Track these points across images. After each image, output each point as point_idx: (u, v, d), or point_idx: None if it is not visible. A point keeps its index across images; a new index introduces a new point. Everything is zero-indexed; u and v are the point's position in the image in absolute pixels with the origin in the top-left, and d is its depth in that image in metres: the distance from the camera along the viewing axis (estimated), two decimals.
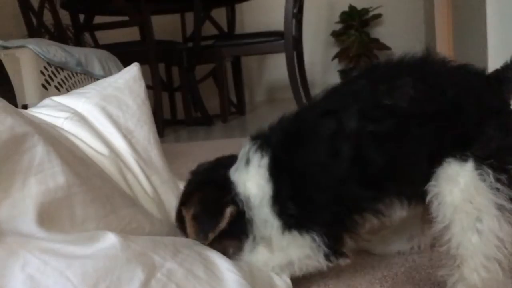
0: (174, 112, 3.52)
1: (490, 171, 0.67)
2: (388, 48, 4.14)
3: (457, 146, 0.69)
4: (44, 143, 0.64)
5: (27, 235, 0.55)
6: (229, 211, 0.76)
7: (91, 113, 0.95)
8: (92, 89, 1.05)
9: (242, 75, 3.56)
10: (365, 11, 4.23)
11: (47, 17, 2.80)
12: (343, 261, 0.79)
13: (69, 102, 0.98)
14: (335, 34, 4.35)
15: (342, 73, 4.22)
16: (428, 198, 0.71)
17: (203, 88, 3.29)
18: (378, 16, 4.26)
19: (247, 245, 0.80)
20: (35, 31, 2.61)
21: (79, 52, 2.18)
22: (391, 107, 0.70)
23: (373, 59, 4.28)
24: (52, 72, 1.95)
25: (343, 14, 4.29)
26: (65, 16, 2.90)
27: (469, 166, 0.68)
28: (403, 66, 0.75)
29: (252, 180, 0.77)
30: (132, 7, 2.54)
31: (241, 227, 0.78)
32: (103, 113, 0.95)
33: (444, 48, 3.84)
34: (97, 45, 2.90)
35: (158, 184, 0.94)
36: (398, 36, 4.36)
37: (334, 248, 0.76)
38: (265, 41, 2.92)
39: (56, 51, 2.00)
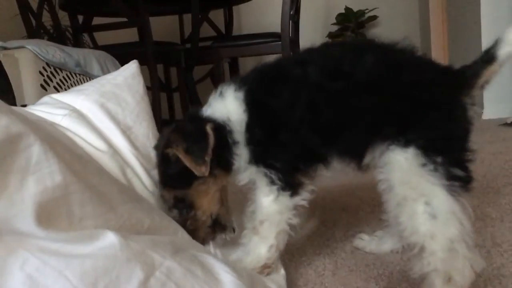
0: (172, 112, 3.52)
1: (428, 156, 0.72)
2: None
3: (400, 130, 0.75)
4: (41, 142, 0.63)
5: (26, 234, 0.54)
6: (209, 127, 0.82)
7: (90, 109, 0.95)
8: (91, 86, 1.05)
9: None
10: (361, 12, 4.25)
11: (46, 18, 2.80)
12: (300, 197, 0.84)
13: (68, 99, 0.97)
14: (332, 36, 4.36)
15: None
16: (379, 185, 0.77)
17: (201, 88, 3.30)
18: (374, 17, 4.28)
19: (237, 172, 0.86)
20: (34, 32, 2.61)
21: (78, 53, 2.18)
22: (349, 73, 0.79)
23: None
24: (51, 72, 1.96)
25: (339, 15, 4.30)
26: (64, 17, 2.90)
27: (411, 153, 0.73)
28: (375, 46, 0.87)
29: (229, 109, 0.84)
30: (130, 8, 2.54)
31: (227, 152, 0.84)
32: (102, 110, 0.95)
33: (439, 49, 3.86)
34: (96, 46, 2.90)
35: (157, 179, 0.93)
36: (394, 37, 4.37)
37: (288, 182, 0.82)
38: (262, 42, 2.93)
39: (55, 52, 2.01)
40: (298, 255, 0.98)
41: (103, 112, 0.95)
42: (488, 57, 0.82)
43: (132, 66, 1.11)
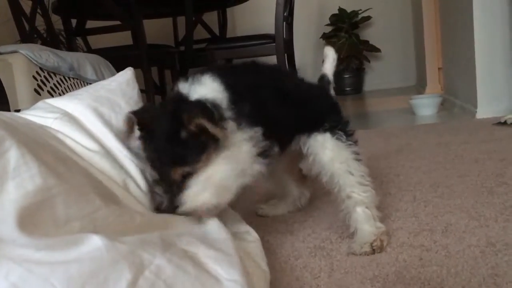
0: None
1: (342, 135, 1.04)
2: (377, 50, 4.18)
3: (316, 123, 1.04)
4: (18, 146, 0.63)
5: (8, 241, 0.54)
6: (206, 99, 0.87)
7: (82, 113, 0.94)
8: (84, 91, 1.05)
9: None
10: (355, 13, 4.27)
11: (39, 22, 2.79)
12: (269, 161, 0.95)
13: (61, 103, 0.97)
14: (325, 37, 4.38)
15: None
16: (308, 160, 1.05)
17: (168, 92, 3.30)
18: (368, 18, 4.30)
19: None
20: (27, 36, 2.60)
21: (71, 57, 2.18)
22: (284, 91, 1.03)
23: (363, 60, 4.31)
24: (45, 77, 1.95)
25: (333, 16, 4.33)
26: (57, 21, 2.90)
27: (328, 134, 1.04)
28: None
29: (210, 90, 0.90)
30: (124, 11, 2.54)
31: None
32: (94, 114, 0.95)
33: (432, 49, 3.88)
34: (89, 49, 2.90)
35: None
36: (387, 38, 4.40)
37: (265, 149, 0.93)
38: (257, 44, 2.94)
39: (48, 56, 2.00)
40: (293, 257, 0.98)
41: (95, 116, 0.94)
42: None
43: (127, 73, 1.12)
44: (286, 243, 1.07)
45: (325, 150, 1.03)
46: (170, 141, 0.85)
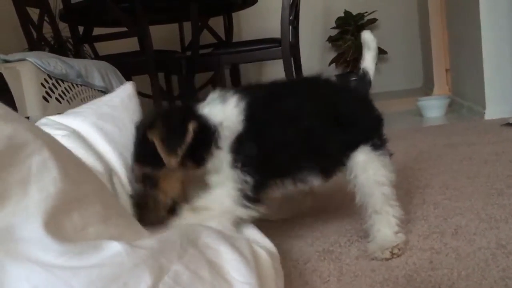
0: None
1: (385, 155, 1.00)
2: (384, 52, 4.17)
3: (362, 142, 0.99)
4: (43, 150, 0.64)
5: (33, 242, 0.55)
6: (191, 125, 0.86)
7: (87, 131, 0.97)
8: (88, 108, 1.08)
9: (240, 82, 3.58)
10: (361, 16, 4.26)
11: (47, 29, 2.82)
12: (258, 208, 0.92)
13: (66, 121, 1.00)
14: (331, 39, 4.37)
15: (340, 77, 4.24)
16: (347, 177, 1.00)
17: (203, 96, 3.30)
18: (374, 20, 4.29)
19: (209, 176, 0.92)
20: (35, 44, 2.62)
21: (79, 64, 2.19)
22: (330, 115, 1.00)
23: None
24: (53, 84, 1.97)
25: (339, 19, 4.32)
26: (64, 28, 2.92)
27: (372, 154, 0.98)
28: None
29: (226, 115, 0.90)
30: (130, 18, 2.55)
31: (205, 151, 0.89)
32: (99, 132, 0.98)
33: (439, 50, 3.86)
34: (97, 56, 2.92)
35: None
36: (394, 40, 4.38)
37: (255, 197, 0.91)
38: (263, 48, 2.94)
39: (56, 63, 2.02)
40: (302, 261, 0.98)
41: (100, 134, 0.97)
42: None
43: (128, 87, 1.15)
44: (295, 247, 1.07)
45: (368, 169, 0.98)
46: (140, 139, 0.91)
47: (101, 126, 0.99)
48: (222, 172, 0.90)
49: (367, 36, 1.15)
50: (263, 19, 4.04)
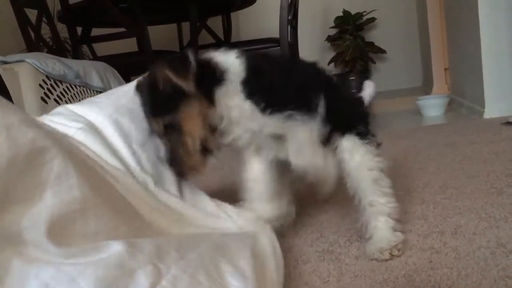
0: None
1: (371, 144, 1.02)
2: (383, 51, 4.17)
3: (350, 126, 1.02)
4: (63, 155, 0.65)
5: (38, 247, 0.56)
6: (191, 54, 0.90)
7: (103, 124, 0.96)
8: (106, 98, 1.06)
9: None
10: (359, 15, 4.26)
11: (45, 30, 2.81)
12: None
13: (83, 111, 0.98)
14: (330, 39, 4.37)
15: (339, 76, 4.24)
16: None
17: None
18: (372, 20, 4.29)
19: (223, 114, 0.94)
20: (33, 45, 2.62)
21: (77, 65, 2.20)
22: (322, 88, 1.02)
23: (369, 62, 4.31)
24: (51, 85, 1.97)
25: (338, 19, 4.31)
26: (62, 29, 2.92)
27: (359, 140, 1.01)
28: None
29: (231, 64, 0.95)
30: (128, 18, 2.55)
31: (214, 85, 0.93)
32: (114, 125, 0.97)
33: (438, 49, 3.86)
34: (95, 57, 2.92)
35: (165, 199, 0.94)
36: (393, 39, 4.38)
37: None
38: (261, 48, 2.93)
39: (54, 64, 2.02)
40: (302, 262, 0.98)
41: (115, 128, 0.96)
42: None
43: None
44: (294, 248, 1.06)
45: (354, 155, 1.01)
46: (150, 93, 0.94)
47: (117, 120, 0.98)
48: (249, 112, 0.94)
49: (369, 86, 1.20)
50: (261, 19, 4.04)
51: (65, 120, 0.95)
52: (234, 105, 0.94)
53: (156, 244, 0.68)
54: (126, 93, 1.05)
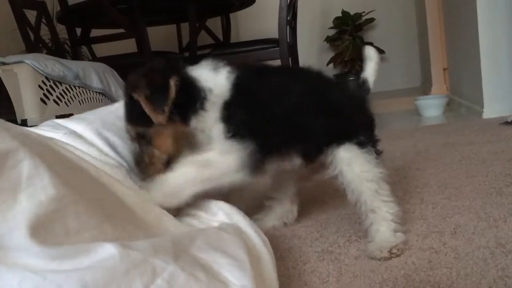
0: None
1: (372, 152, 0.99)
2: (382, 52, 4.17)
3: (347, 135, 0.99)
4: (31, 155, 0.63)
5: (21, 250, 0.54)
6: (173, 81, 0.89)
7: (89, 136, 0.98)
8: (93, 114, 1.08)
9: None
10: (358, 15, 4.26)
11: (44, 31, 2.82)
12: (259, 176, 0.97)
13: (69, 124, 1.00)
14: (329, 40, 4.38)
15: (338, 77, 4.24)
16: (332, 172, 1.00)
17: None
18: (371, 20, 4.30)
19: (195, 135, 0.95)
20: (32, 46, 2.62)
21: (76, 66, 2.19)
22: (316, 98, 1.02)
23: None
24: (51, 86, 1.97)
25: (336, 19, 4.32)
26: (62, 30, 2.92)
27: (358, 149, 0.98)
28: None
29: (216, 83, 0.93)
30: (127, 19, 2.55)
31: (191, 110, 0.92)
32: (100, 138, 0.98)
33: (437, 50, 3.87)
34: (94, 58, 2.92)
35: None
36: (392, 39, 4.39)
37: (255, 165, 0.93)
38: (261, 48, 2.94)
39: (53, 65, 2.02)
40: (302, 262, 0.98)
41: (102, 141, 0.98)
42: None
43: None
44: (294, 248, 1.06)
45: (353, 166, 0.98)
46: (128, 101, 0.94)
47: (103, 134, 1.00)
48: (219, 144, 0.92)
49: (371, 52, 1.16)
50: (260, 20, 4.04)
51: (51, 129, 0.97)
52: (208, 126, 0.93)
53: (151, 242, 0.67)
54: (113, 112, 1.08)
